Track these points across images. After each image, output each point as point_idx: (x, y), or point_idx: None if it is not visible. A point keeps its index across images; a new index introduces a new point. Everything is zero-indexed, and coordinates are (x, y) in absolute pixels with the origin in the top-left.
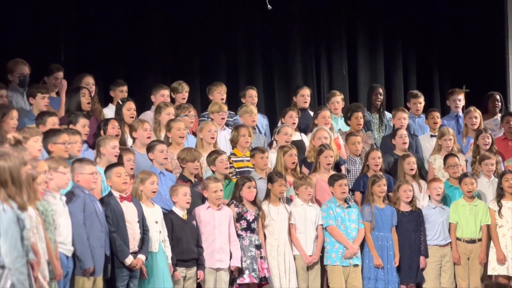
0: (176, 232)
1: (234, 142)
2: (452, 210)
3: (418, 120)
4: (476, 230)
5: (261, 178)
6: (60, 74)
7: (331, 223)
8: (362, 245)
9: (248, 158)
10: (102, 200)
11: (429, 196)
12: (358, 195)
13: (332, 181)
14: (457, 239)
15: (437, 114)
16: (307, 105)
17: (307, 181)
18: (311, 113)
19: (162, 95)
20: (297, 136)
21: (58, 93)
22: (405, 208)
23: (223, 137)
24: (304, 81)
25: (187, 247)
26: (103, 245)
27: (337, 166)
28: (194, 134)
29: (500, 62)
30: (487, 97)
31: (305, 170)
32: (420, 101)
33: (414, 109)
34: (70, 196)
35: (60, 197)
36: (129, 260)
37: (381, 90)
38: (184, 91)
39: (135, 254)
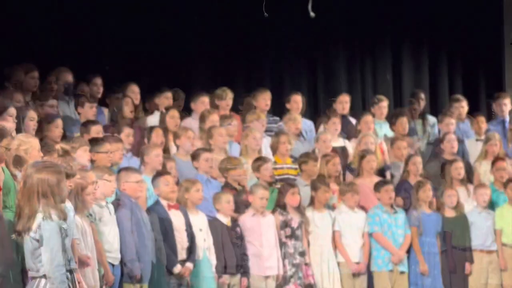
0: (220, 239)
1: (274, 149)
2: (498, 216)
3: (462, 125)
4: None
5: (307, 185)
6: (99, 81)
7: (377, 230)
8: (408, 251)
9: (289, 166)
10: (149, 209)
11: (476, 201)
12: (399, 200)
13: (378, 187)
14: (503, 244)
15: (482, 119)
16: (346, 111)
17: (353, 188)
18: (351, 119)
19: (202, 102)
20: (340, 142)
21: (101, 103)
22: (449, 213)
23: (264, 145)
24: (349, 86)
25: (231, 254)
26: (149, 253)
27: (381, 172)
28: (238, 143)
29: None
30: None
31: (349, 177)
32: (463, 106)
33: (457, 114)
34: (117, 204)
35: (106, 205)
36: (177, 269)
37: (423, 95)
38: (228, 98)
39: (183, 262)
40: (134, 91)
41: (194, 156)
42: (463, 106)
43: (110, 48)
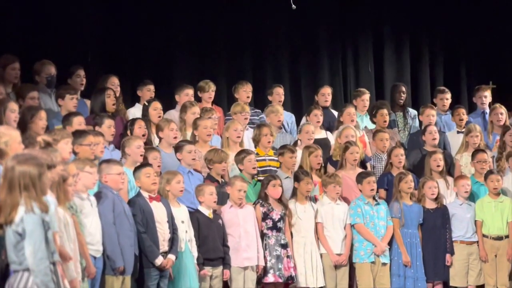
0: (202, 231)
1: (256, 141)
2: (478, 208)
3: (445, 118)
4: (503, 226)
5: (287, 177)
6: (82, 72)
7: (359, 221)
8: (390, 243)
9: (271, 157)
10: (130, 201)
11: (456, 193)
12: (382, 192)
13: (360, 178)
14: (484, 236)
15: (463, 111)
16: (328, 103)
17: (336, 180)
18: (333, 112)
19: (186, 94)
20: (322, 134)
21: (82, 95)
22: (430, 205)
23: (246, 137)
24: (330, 78)
25: (213, 246)
26: (132, 245)
27: (362, 164)
28: (219, 135)
29: None
30: None
31: (330, 169)
32: (447, 97)
33: (441, 105)
34: (99, 197)
35: (88, 197)
36: (159, 260)
37: (404, 89)
38: (210, 90)
39: (165, 254)
40: (114, 83)
41: (177, 148)
42: (447, 97)
43: (93, 40)
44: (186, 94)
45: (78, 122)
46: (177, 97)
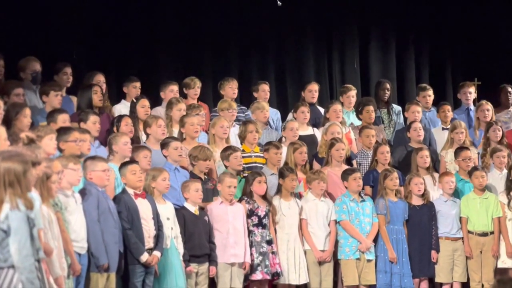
0: (188, 228)
1: (242, 138)
2: (463, 204)
3: (429, 114)
4: (488, 223)
5: (273, 174)
6: (69, 70)
7: (344, 218)
8: (376, 239)
9: (257, 154)
10: (116, 197)
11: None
12: (367, 189)
13: (346, 175)
14: (469, 232)
15: (448, 108)
16: (315, 100)
17: (320, 176)
18: (319, 108)
19: (171, 90)
20: (309, 130)
21: (68, 91)
22: (416, 201)
23: (233, 134)
24: (316, 75)
25: (199, 243)
26: (117, 242)
27: (348, 160)
28: (206, 132)
29: None
30: (499, 90)
31: (316, 165)
32: (429, 94)
33: (424, 102)
34: (83, 194)
35: (73, 194)
36: (144, 257)
37: (388, 86)
38: (196, 87)
39: (150, 250)
40: (100, 81)
41: (164, 145)
42: (430, 94)
43: (78, 37)
44: (171, 91)
45: (63, 120)
46: (162, 93)
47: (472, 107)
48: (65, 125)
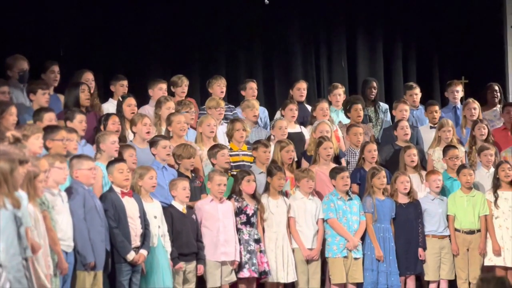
0: (175, 226)
1: (229, 136)
2: (450, 202)
3: (416, 113)
4: (474, 221)
5: (262, 172)
6: (56, 68)
7: (332, 216)
8: (363, 237)
9: (244, 152)
10: (102, 196)
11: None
12: (354, 187)
13: (333, 173)
14: (456, 230)
15: (436, 108)
16: (303, 98)
17: (308, 174)
18: (308, 107)
19: (160, 88)
20: (296, 128)
21: (56, 90)
22: (403, 199)
23: (221, 132)
24: (304, 73)
25: (186, 241)
26: (103, 240)
27: (336, 158)
28: (194, 128)
29: (499, 53)
30: (486, 88)
31: (305, 163)
32: (416, 93)
33: (411, 101)
34: (69, 192)
35: (59, 193)
36: (131, 255)
37: (375, 84)
38: (183, 85)
39: (136, 249)
40: (88, 79)
41: (152, 143)
42: (417, 93)
43: (65, 35)
44: (159, 89)
45: (49, 118)
46: (150, 91)
47: (459, 105)
48: (51, 124)
